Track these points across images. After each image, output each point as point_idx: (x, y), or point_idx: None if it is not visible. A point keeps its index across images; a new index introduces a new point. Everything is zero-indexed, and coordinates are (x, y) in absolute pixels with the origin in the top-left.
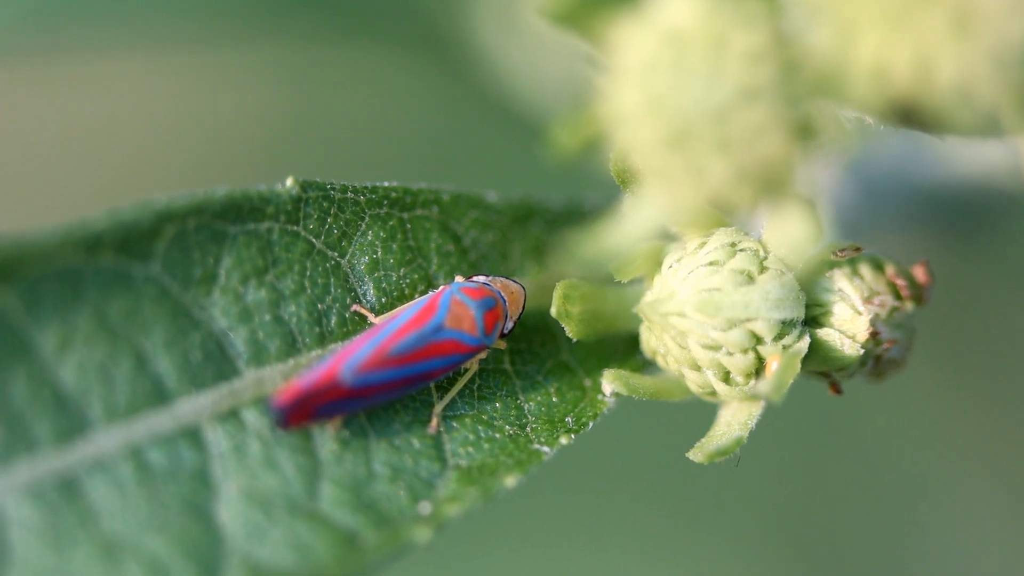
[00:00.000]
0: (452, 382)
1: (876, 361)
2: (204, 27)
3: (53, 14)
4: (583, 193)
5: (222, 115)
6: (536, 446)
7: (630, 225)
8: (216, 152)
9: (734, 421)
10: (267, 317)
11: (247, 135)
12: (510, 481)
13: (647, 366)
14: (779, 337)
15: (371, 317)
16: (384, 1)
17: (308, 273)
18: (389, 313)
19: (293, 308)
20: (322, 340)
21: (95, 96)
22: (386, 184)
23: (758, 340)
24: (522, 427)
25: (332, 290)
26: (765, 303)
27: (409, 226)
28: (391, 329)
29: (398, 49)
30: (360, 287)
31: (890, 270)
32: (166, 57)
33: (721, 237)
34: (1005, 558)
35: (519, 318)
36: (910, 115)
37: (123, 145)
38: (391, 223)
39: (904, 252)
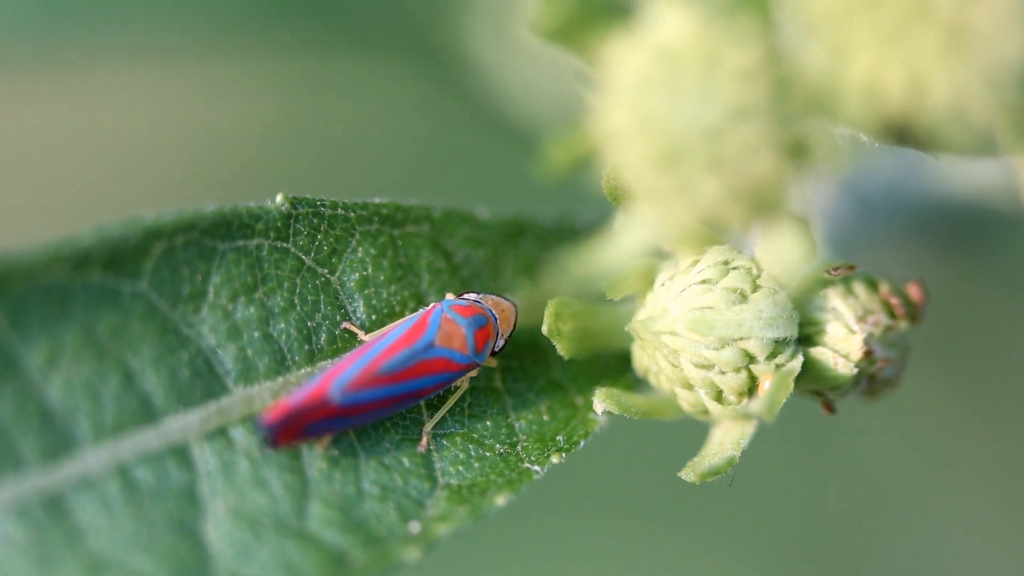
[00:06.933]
0: (442, 400)
1: (870, 380)
2: (196, 38)
3: (45, 25)
4: (575, 208)
5: (214, 126)
6: (527, 465)
7: (622, 243)
8: (208, 163)
9: (726, 440)
10: (256, 334)
11: (239, 146)
12: (500, 500)
13: (639, 384)
14: (772, 356)
15: (361, 334)
16: (377, 13)
17: (298, 290)
18: (379, 331)
19: (282, 325)
20: (312, 358)
21: (85, 107)
22: (377, 200)
23: (751, 359)
24: (513, 445)
25: (322, 307)
26: (758, 322)
27: (400, 243)
28: (381, 347)
29: (391, 61)
30: (350, 304)
31: (884, 288)
32: (157, 69)
33: (714, 255)
34: (1001, 569)
35: (510, 336)
36: (903, 133)
37: (113, 156)
38: (382, 239)
39: (899, 270)
